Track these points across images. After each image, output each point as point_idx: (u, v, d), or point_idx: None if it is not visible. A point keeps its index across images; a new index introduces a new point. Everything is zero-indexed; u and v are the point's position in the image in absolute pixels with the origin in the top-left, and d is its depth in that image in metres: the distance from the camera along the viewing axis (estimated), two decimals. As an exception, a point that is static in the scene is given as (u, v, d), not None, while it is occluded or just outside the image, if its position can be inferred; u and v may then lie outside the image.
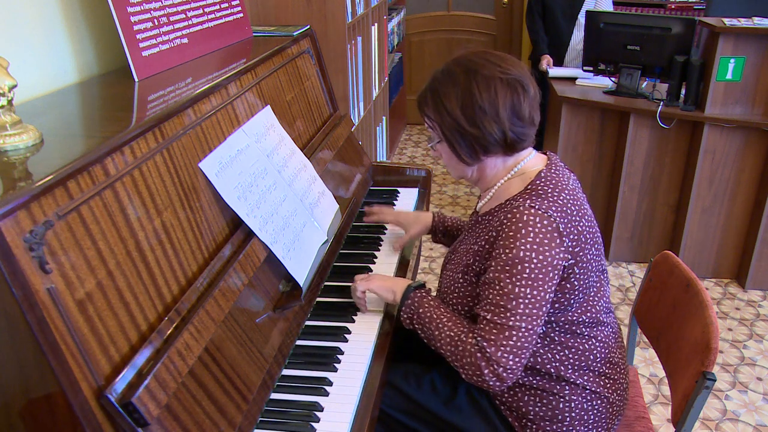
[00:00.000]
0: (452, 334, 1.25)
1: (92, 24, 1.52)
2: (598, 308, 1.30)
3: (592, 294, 1.29)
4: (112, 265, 0.92)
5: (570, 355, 1.29)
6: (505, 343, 1.18)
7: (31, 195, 0.81)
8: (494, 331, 1.19)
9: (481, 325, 1.21)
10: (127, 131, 1.03)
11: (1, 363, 0.83)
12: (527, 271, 1.17)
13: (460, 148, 1.28)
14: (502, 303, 1.19)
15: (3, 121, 0.98)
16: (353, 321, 1.42)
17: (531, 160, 1.32)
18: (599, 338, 1.31)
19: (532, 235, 1.18)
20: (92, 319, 0.86)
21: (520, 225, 1.18)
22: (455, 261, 1.37)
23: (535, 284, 1.18)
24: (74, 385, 0.81)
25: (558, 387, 1.29)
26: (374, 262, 1.66)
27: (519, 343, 1.18)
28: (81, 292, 0.85)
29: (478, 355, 1.19)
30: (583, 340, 1.29)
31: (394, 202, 2.01)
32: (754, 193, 2.89)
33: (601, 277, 1.32)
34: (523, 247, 1.17)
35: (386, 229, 1.85)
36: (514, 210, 1.20)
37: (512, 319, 1.18)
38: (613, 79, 3.15)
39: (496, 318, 1.19)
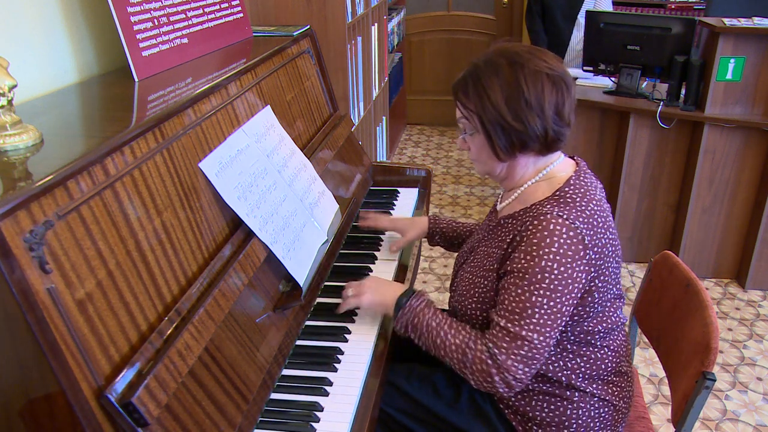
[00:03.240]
0: (458, 341, 1.23)
1: (92, 24, 1.52)
2: (613, 319, 1.29)
3: (609, 305, 1.28)
4: (112, 265, 0.92)
5: (582, 364, 1.28)
6: (516, 352, 1.16)
7: (31, 195, 0.81)
8: (506, 338, 1.17)
9: (494, 331, 1.19)
10: (127, 131, 1.03)
11: (1, 363, 0.83)
12: (547, 281, 1.15)
13: (497, 142, 1.23)
14: (517, 311, 1.17)
15: (3, 121, 0.98)
16: (353, 321, 1.42)
17: (559, 165, 1.29)
18: (611, 347, 1.30)
19: (556, 245, 1.15)
20: (92, 319, 0.86)
21: (546, 234, 1.16)
22: (474, 263, 1.35)
23: (554, 296, 1.16)
24: (74, 385, 0.81)
25: (567, 393, 1.28)
26: (374, 263, 1.66)
27: (530, 354, 1.17)
28: (81, 292, 0.85)
29: (489, 362, 1.18)
30: (596, 350, 1.28)
31: (394, 202, 2.01)
32: (754, 193, 2.88)
33: (619, 288, 1.31)
34: (546, 257, 1.15)
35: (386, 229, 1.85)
36: (541, 217, 1.18)
37: (526, 328, 1.16)
38: (613, 79, 3.15)
39: (509, 325, 1.17)
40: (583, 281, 1.19)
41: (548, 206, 1.20)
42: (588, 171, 1.31)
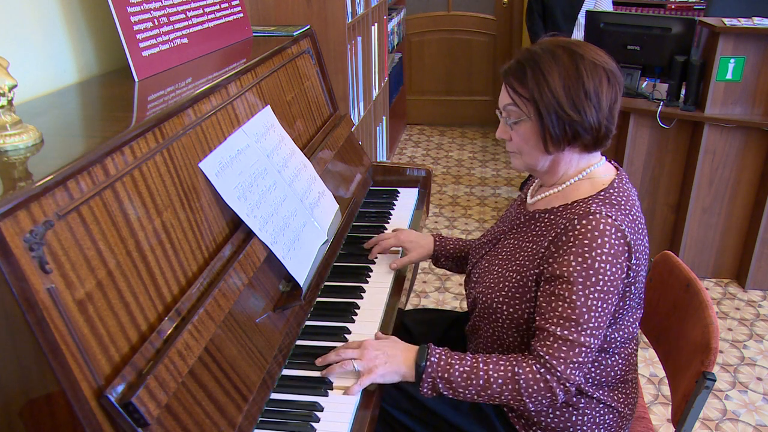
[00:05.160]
0: (502, 373, 1.17)
1: (92, 24, 1.52)
2: (631, 329, 1.28)
3: (631, 314, 1.27)
4: (112, 265, 0.92)
5: (593, 370, 1.27)
6: (575, 360, 1.14)
7: (31, 195, 0.81)
8: (564, 347, 1.14)
9: (548, 341, 1.15)
10: (127, 131, 1.03)
11: (1, 363, 0.83)
12: (601, 283, 1.13)
13: (551, 130, 1.18)
14: (573, 317, 1.14)
15: (3, 121, 0.98)
16: (353, 321, 1.42)
17: (602, 167, 1.27)
18: (622, 355, 1.30)
19: (608, 246, 1.13)
20: (92, 319, 0.86)
21: (597, 234, 1.14)
22: (503, 256, 1.32)
23: (607, 297, 1.14)
24: (74, 385, 0.81)
25: (574, 399, 1.27)
26: (374, 262, 1.66)
27: (586, 359, 1.15)
28: (81, 292, 0.85)
29: (548, 376, 1.14)
30: (607, 356, 1.27)
31: (394, 202, 2.01)
32: (754, 193, 2.89)
33: (642, 298, 1.30)
34: (599, 258, 1.13)
35: (386, 229, 1.85)
36: (590, 217, 1.15)
37: (584, 334, 1.14)
38: (613, 79, 3.15)
39: (566, 333, 1.14)
40: (624, 281, 1.18)
41: (595, 205, 1.18)
42: (627, 177, 1.30)
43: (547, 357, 1.15)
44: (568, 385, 1.15)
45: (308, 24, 2.10)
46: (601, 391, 1.29)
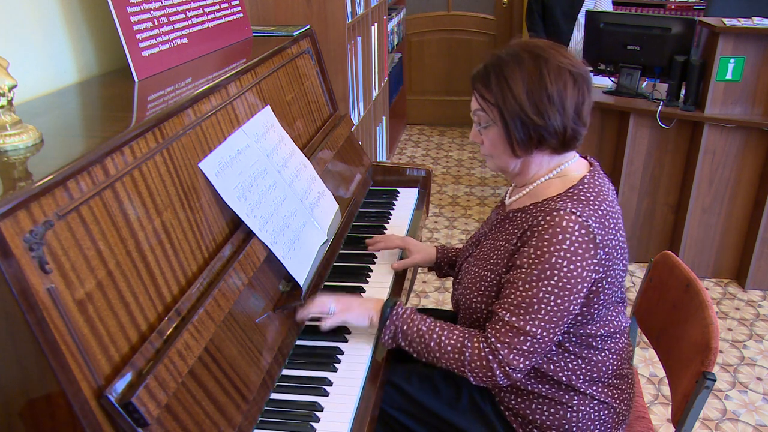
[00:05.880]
0: (453, 341, 1.22)
1: (92, 24, 1.52)
2: (615, 323, 1.29)
3: (612, 309, 1.27)
4: (112, 265, 0.92)
5: (583, 366, 1.28)
6: (519, 347, 1.16)
7: (31, 195, 0.81)
8: (510, 333, 1.17)
9: (497, 326, 1.19)
10: (127, 131, 1.03)
11: (1, 363, 0.83)
12: (555, 278, 1.15)
13: (516, 135, 1.20)
14: (523, 305, 1.16)
15: (3, 121, 0.98)
16: (353, 321, 1.42)
17: (574, 164, 1.28)
18: (613, 351, 1.30)
19: (568, 242, 1.14)
20: (92, 319, 0.86)
21: (558, 230, 1.15)
22: (480, 257, 1.34)
23: (561, 293, 1.15)
24: (74, 385, 0.81)
25: (567, 396, 1.28)
26: (374, 262, 1.66)
27: (532, 348, 1.17)
28: (81, 292, 0.85)
29: (490, 357, 1.18)
30: (597, 352, 1.28)
31: (394, 202, 2.01)
32: (754, 193, 2.89)
33: (623, 292, 1.31)
34: (556, 254, 1.14)
35: (386, 229, 1.85)
36: (554, 213, 1.16)
37: (530, 323, 1.16)
38: (613, 79, 3.15)
39: (514, 319, 1.17)
40: (592, 280, 1.18)
41: (561, 202, 1.19)
42: (601, 171, 1.30)
43: (493, 339, 1.18)
44: (508, 369, 1.17)
45: (308, 24, 2.10)
46: (594, 388, 1.29)
